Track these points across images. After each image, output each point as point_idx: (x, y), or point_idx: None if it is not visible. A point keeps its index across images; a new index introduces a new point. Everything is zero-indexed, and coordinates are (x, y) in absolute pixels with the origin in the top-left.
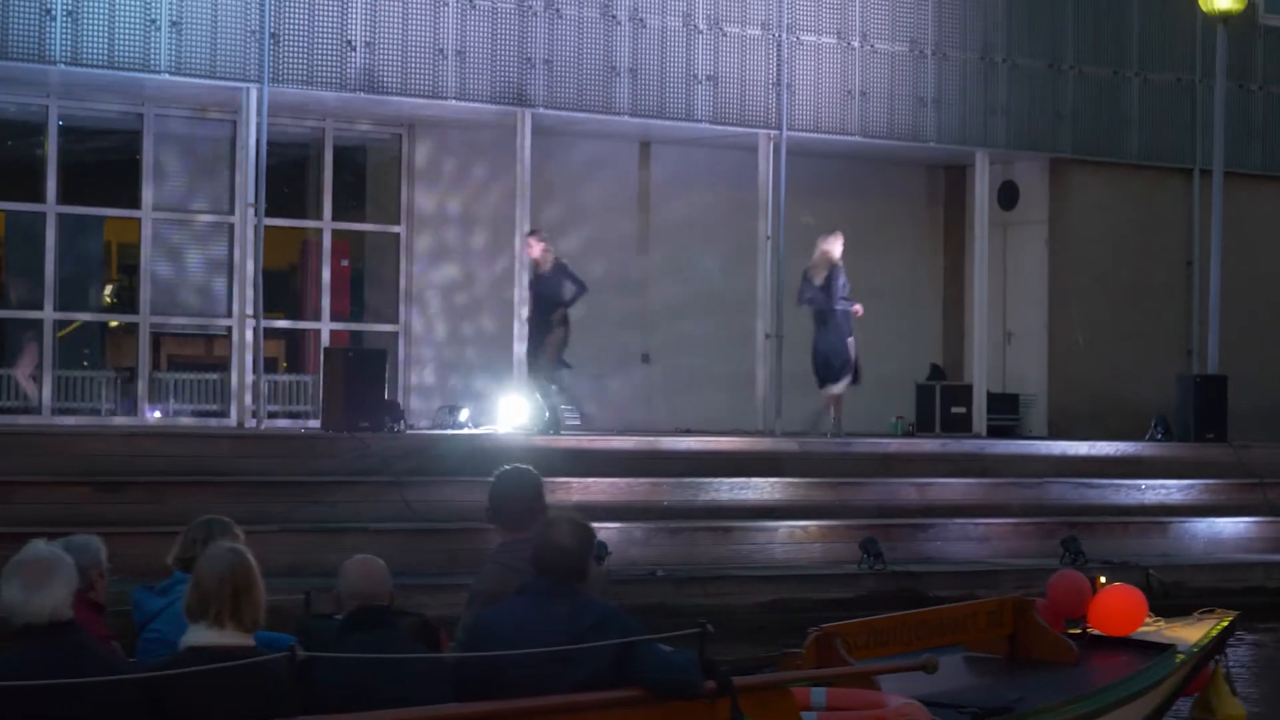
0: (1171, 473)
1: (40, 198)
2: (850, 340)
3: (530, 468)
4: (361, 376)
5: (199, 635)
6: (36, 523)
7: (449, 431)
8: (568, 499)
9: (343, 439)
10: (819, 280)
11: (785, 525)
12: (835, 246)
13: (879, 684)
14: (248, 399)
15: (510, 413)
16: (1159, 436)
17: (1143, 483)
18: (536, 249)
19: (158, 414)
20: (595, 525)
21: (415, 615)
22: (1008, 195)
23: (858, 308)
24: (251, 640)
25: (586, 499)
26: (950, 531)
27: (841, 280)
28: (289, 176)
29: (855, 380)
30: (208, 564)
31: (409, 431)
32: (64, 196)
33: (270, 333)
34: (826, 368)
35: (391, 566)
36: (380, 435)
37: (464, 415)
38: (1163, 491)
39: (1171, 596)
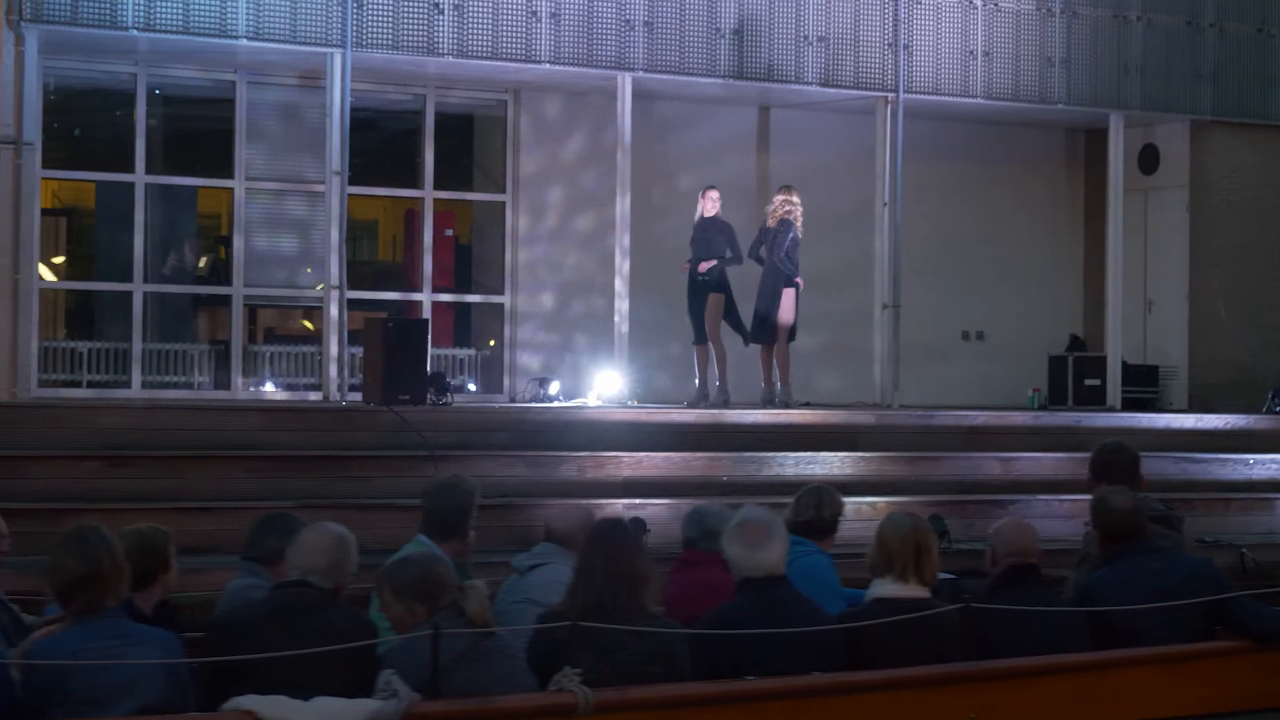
0: None
1: (130, 168)
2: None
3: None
4: (402, 347)
5: (885, 588)
6: (47, 498)
7: (501, 405)
8: (618, 474)
9: (381, 412)
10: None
11: (853, 501)
12: (702, 200)
13: None
14: (332, 372)
15: (604, 386)
16: (1276, 409)
17: (1250, 457)
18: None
19: (270, 385)
20: (643, 502)
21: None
22: (1148, 159)
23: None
24: (928, 593)
25: (638, 474)
26: (1033, 508)
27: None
28: (395, 146)
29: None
30: (892, 527)
31: (455, 404)
32: (158, 166)
33: (376, 305)
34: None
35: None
36: (421, 408)
37: (554, 388)
38: (1273, 467)
39: (1269, 577)
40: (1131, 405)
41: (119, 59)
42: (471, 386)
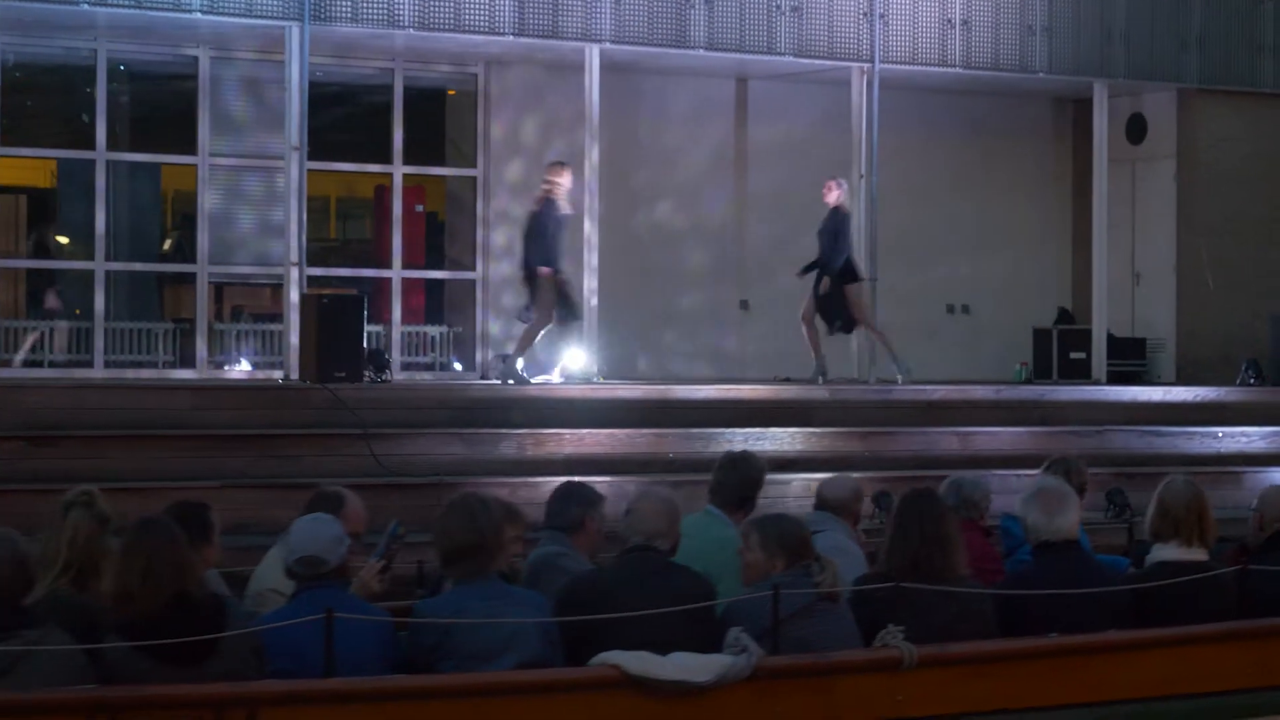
0: (1256, 419)
1: (90, 144)
2: None
3: None
4: (337, 324)
5: (1168, 552)
6: None
7: (443, 382)
8: (559, 451)
9: (315, 390)
10: None
11: (800, 478)
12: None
13: None
14: (293, 349)
15: (570, 361)
16: (1250, 381)
17: (1219, 430)
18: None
19: (244, 363)
20: (584, 480)
21: None
22: (1136, 128)
23: None
24: (1207, 555)
25: (580, 451)
26: (990, 484)
27: None
28: (366, 120)
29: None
30: (1172, 494)
31: (391, 381)
32: (121, 143)
33: (347, 282)
34: None
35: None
36: (358, 386)
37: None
38: (1242, 440)
39: None
40: (1118, 379)
41: (78, 35)
42: (457, 365)
